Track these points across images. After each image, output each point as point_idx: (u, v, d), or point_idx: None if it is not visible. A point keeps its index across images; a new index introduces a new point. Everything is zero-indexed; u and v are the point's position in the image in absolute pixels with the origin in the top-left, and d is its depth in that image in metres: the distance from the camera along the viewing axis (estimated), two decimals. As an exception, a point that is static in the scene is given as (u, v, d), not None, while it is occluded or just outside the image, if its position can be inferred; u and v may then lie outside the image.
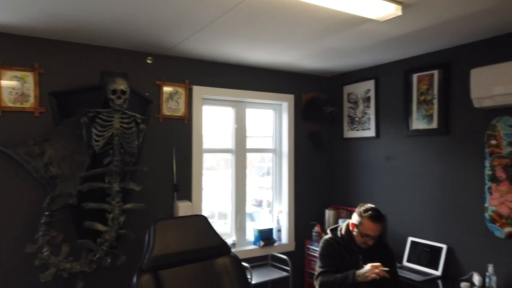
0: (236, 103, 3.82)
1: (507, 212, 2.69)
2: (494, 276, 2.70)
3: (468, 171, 2.97)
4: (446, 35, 2.79)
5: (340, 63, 3.67)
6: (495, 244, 2.78)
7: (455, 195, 3.06)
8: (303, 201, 4.08)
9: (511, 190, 2.67)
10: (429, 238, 3.23)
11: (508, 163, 2.69)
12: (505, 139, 2.71)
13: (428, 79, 3.26)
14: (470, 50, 2.96)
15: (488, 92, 2.66)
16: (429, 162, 3.26)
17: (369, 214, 2.54)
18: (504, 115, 2.73)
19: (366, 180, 3.84)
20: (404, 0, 2.17)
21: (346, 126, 4.08)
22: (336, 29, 2.67)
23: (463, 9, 2.30)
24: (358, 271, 2.39)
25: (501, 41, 2.76)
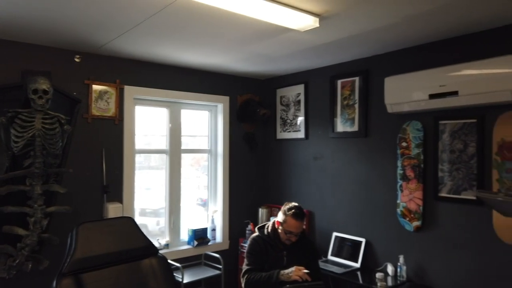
0: (170, 103, 3.83)
1: (415, 208, 2.98)
2: (404, 266, 2.99)
3: (384, 170, 3.24)
4: (364, 45, 3.02)
5: (272, 67, 3.82)
6: (406, 237, 3.07)
7: (373, 193, 3.32)
8: (237, 200, 4.19)
9: (419, 188, 2.96)
10: (351, 233, 3.47)
11: (416, 163, 2.98)
12: (413, 141, 3.00)
13: (350, 85, 3.50)
14: (386, 60, 3.23)
15: (398, 98, 2.93)
16: (351, 162, 3.51)
17: (292, 212, 2.69)
18: (413, 120, 3.01)
19: (297, 179, 4.03)
20: (321, 13, 2.34)
21: (279, 127, 4.25)
22: (261, 37, 2.79)
23: (374, 23, 2.52)
24: (283, 271, 2.53)
25: (411, 52, 3.05)
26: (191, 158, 4.16)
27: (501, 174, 2.51)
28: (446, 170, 2.83)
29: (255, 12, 2.25)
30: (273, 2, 2.16)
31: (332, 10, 2.29)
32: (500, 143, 2.52)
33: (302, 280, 2.46)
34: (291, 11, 2.25)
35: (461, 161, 2.74)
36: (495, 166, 2.54)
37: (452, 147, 2.80)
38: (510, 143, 2.47)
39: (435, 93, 2.69)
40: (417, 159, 2.97)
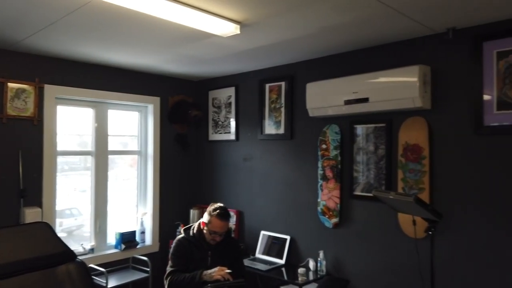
0: (97, 104, 3.72)
1: (333, 206, 3.18)
2: (324, 260, 3.18)
3: (307, 171, 3.42)
4: (288, 51, 3.17)
5: (204, 69, 3.86)
6: (325, 233, 3.27)
7: (297, 192, 3.49)
8: (168, 202, 4.17)
9: (337, 187, 3.17)
10: (277, 231, 3.62)
11: (334, 164, 3.18)
12: (332, 144, 3.20)
13: (277, 89, 3.64)
14: (309, 66, 3.41)
15: (318, 103, 3.12)
16: (278, 163, 3.66)
17: (217, 213, 2.75)
18: (332, 124, 3.22)
19: (227, 180, 4.11)
20: (241, 21, 2.42)
21: (211, 129, 4.29)
22: (185, 40, 2.83)
23: (293, 33, 2.66)
24: (206, 271, 2.58)
25: (330, 60, 3.25)
26: (130, 158, 4.09)
27: (405, 174, 2.77)
28: (360, 170, 3.06)
29: (176, 18, 2.28)
30: (193, 9, 2.20)
31: (252, 19, 2.39)
32: (405, 146, 2.78)
33: (224, 280, 2.53)
34: (212, 18, 2.31)
35: (372, 162, 2.98)
36: (400, 167, 2.80)
37: (365, 149, 3.03)
38: (412, 145, 2.74)
39: (349, 99, 2.90)
40: (335, 160, 3.18)
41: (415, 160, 2.71)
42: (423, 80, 2.59)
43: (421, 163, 2.68)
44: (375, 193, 2.08)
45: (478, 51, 2.47)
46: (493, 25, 2.42)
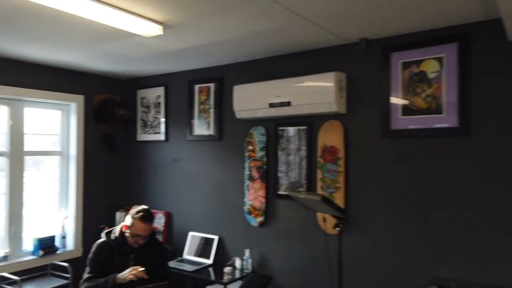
0: (11, 101, 3.47)
1: (259, 205, 3.28)
2: (250, 258, 3.27)
3: (235, 172, 3.48)
4: (216, 53, 3.21)
5: (131, 68, 3.76)
6: (252, 232, 3.36)
7: (226, 192, 3.55)
8: (93, 205, 4.01)
9: (262, 187, 3.27)
10: (206, 231, 3.64)
11: (260, 165, 3.28)
12: (258, 145, 3.30)
13: (206, 91, 3.67)
14: (237, 69, 3.48)
15: (245, 106, 3.19)
16: (207, 164, 3.68)
17: (140, 215, 2.71)
18: (258, 126, 3.32)
19: (156, 181, 4.05)
20: (164, 22, 2.41)
21: (139, 129, 4.20)
22: (107, 38, 2.75)
23: (216, 36, 2.70)
24: (119, 274, 2.54)
25: (257, 64, 3.35)
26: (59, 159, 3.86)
27: (323, 173, 2.94)
28: (284, 171, 3.19)
29: (95, 16, 2.22)
30: (113, 8, 2.15)
31: (174, 20, 2.39)
32: (323, 148, 2.95)
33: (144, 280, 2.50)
34: (133, 18, 2.28)
35: (295, 163, 3.13)
36: (319, 167, 2.97)
37: (288, 151, 3.16)
38: (330, 147, 2.91)
39: (274, 103, 3.01)
40: (261, 161, 3.28)
41: (332, 161, 2.89)
42: (339, 86, 2.77)
43: (337, 163, 2.87)
44: (289, 193, 2.19)
45: (386, 60, 2.70)
46: (399, 37, 2.66)
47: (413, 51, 2.60)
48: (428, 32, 2.54)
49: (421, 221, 2.56)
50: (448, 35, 2.46)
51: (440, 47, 2.49)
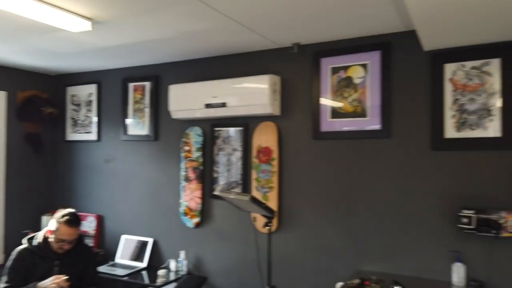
0: None
1: (195, 206, 3.26)
2: (185, 260, 3.24)
3: (171, 172, 3.43)
4: (152, 52, 3.14)
5: (60, 63, 3.56)
6: (187, 233, 3.34)
7: (161, 194, 3.48)
8: (17, 209, 3.74)
9: (198, 188, 3.26)
10: (140, 234, 3.55)
11: (197, 166, 3.27)
12: (194, 145, 3.29)
13: (141, 89, 3.58)
14: (174, 68, 3.43)
15: (180, 106, 3.16)
16: (142, 165, 3.59)
17: (66, 219, 2.57)
18: (194, 126, 3.30)
19: (88, 183, 3.87)
20: (93, 17, 2.32)
21: (69, 128, 3.99)
22: (32, 32, 2.59)
23: (148, 34, 2.65)
24: (40, 283, 2.39)
25: (194, 64, 3.33)
26: None
27: (258, 174, 3.00)
28: (220, 171, 3.20)
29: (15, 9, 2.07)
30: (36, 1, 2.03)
31: (104, 16, 2.31)
32: (258, 148, 3.01)
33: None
34: (59, 12, 2.16)
35: (231, 163, 3.15)
36: (254, 167, 3.02)
37: (225, 151, 3.19)
38: (264, 148, 2.98)
39: (210, 103, 3.01)
40: (197, 161, 3.27)
41: (266, 162, 2.96)
42: (273, 88, 2.85)
43: (271, 164, 2.94)
44: (220, 194, 2.21)
45: (317, 65, 2.82)
46: (329, 44, 2.79)
47: (341, 57, 2.74)
48: (355, 39, 2.70)
49: (348, 218, 2.71)
50: (372, 44, 2.63)
51: (365, 54, 2.66)
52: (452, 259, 2.36)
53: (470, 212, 2.28)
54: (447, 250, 2.40)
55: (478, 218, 2.26)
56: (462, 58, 2.38)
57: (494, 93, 2.30)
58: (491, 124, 2.31)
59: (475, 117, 2.35)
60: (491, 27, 2.04)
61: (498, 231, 2.21)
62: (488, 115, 2.32)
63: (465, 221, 2.28)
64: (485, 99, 2.33)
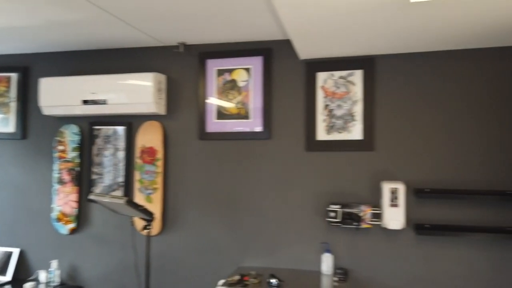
0: None
1: (70, 211, 3.00)
2: (58, 270, 2.95)
3: (41, 174, 3.10)
4: (19, 39, 2.79)
5: None
6: (60, 240, 3.05)
7: (29, 199, 3.12)
8: None
9: (74, 191, 3.00)
10: (3, 244, 3.13)
11: (72, 167, 3.01)
12: (70, 145, 3.02)
13: (6, 81, 3.16)
14: (47, 59, 3.11)
15: (54, 101, 2.88)
16: (6, 166, 3.17)
17: None
18: (70, 124, 3.04)
19: None
20: None
21: None
22: None
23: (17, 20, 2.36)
24: None
25: (70, 56, 3.06)
26: None
27: (141, 175, 2.90)
28: (99, 173, 3.00)
29: None
30: None
31: (-49, -7, 1.98)
32: (142, 148, 2.90)
33: None
34: None
35: (112, 164, 2.98)
36: (137, 168, 2.91)
37: (105, 151, 3.00)
38: (148, 148, 2.89)
39: (88, 100, 2.80)
40: (73, 162, 3.01)
41: (151, 162, 2.87)
42: (157, 87, 2.77)
43: (155, 164, 2.87)
44: (92, 197, 2.08)
45: (203, 66, 2.84)
46: (215, 46, 2.83)
47: (226, 60, 2.80)
48: (239, 44, 2.79)
49: (232, 217, 2.79)
50: (254, 49, 2.75)
51: (248, 58, 2.76)
52: (322, 250, 2.60)
53: (336, 207, 2.54)
54: (318, 242, 2.63)
55: (343, 212, 2.52)
56: (331, 68, 2.64)
57: (357, 101, 2.61)
58: (354, 128, 2.61)
59: (342, 122, 2.63)
60: (354, 42, 2.31)
61: (359, 223, 2.50)
62: (352, 120, 2.61)
63: (332, 215, 2.54)
64: (350, 106, 2.62)
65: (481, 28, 2.04)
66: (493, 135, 2.40)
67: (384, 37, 2.21)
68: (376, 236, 2.55)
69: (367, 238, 2.57)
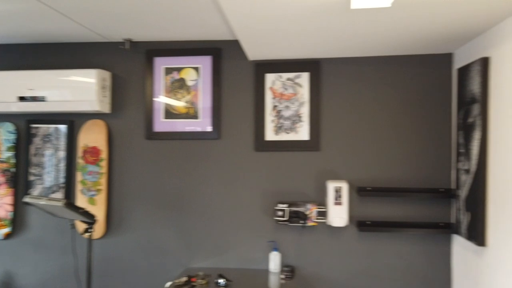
0: None
1: (4, 215, 2.81)
2: (-9, 278, 2.75)
3: (-28, 176, 2.87)
4: None
5: None
6: (-6, 247, 2.85)
7: (-42, 202, 2.88)
8: None
9: (9, 193, 2.81)
10: None
11: (7, 168, 2.82)
12: (5, 144, 2.82)
13: None
14: (-22, 52, 2.88)
15: (-15, 97, 2.68)
16: None
17: None
18: (5, 122, 2.84)
19: None
20: None
21: None
22: None
23: None
24: None
25: (7, 49, 2.86)
26: None
27: (84, 175, 2.77)
28: (38, 174, 2.83)
29: None
30: None
31: None
32: (84, 148, 2.78)
33: None
34: None
35: (52, 165, 2.83)
36: (79, 169, 2.78)
37: (44, 151, 2.83)
38: (91, 148, 2.77)
39: (24, 96, 2.64)
40: (8, 163, 2.82)
41: (94, 163, 2.76)
42: (101, 84, 2.67)
43: (99, 165, 2.76)
44: (27, 200, 1.96)
45: (150, 64, 2.77)
46: (163, 43, 2.77)
47: (174, 58, 2.76)
48: (189, 42, 2.75)
49: (180, 217, 2.75)
50: (204, 48, 2.73)
51: (197, 57, 2.74)
52: (270, 249, 2.64)
53: (284, 206, 2.59)
54: (266, 241, 2.66)
55: (290, 210, 2.58)
56: (279, 69, 2.68)
57: (304, 102, 2.67)
58: (301, 129, 2.67)
59: (289, 122, 2.68)
60: (301, 46, 2.37)
61: (305, 221, 2.57)
62: (299, 121, 2.68)
63: (280, 214, 2.58)
64: (297, 107, 2.68)
65: (415, 36, 2.17)
66: (426, 136, 2.57)
67: (329, 42, 2.28)
68: (321, 233, 2.64)
69: (313, 236, 2.65)
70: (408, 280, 2.56)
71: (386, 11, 1.77)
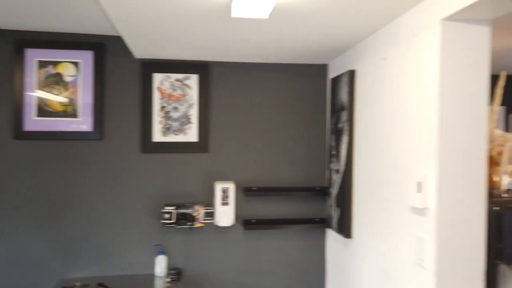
0: None
1: None
2: None
3: None
4: None
5: None
6: None
7: None
8: None
9: None
10: None
11: None
12: None
13: None
14: None
15: None
16: None
17: None
18: None
19: None
20: None
21: None
22: None
23: None
24: None
25: None
26: None
27: None
28: None
29: None
30: None
31: None
32: None
33: None
34: None
35: None
36: None
37: None
38: None
39: None
40: None
41: None
42: (-44, 75, 2.30)
43: (-48, 168, 2.37)
44: None
45: (20, 56, 2.48)
46: (36, 34, 2.51)
47: (50, 51, 2.52)
48: (68, 35, 2.54)
49: (57, 225, 2.52)
50: (85, 42, 2.55)
51: (77, 52, 2.54)
52: (156, 252, 2.58)
53: (171, 208, 2.55)
54: (152, 245, 2.60)
55: (178, 213, 2.56)
56: (168, 70, 2.64)
57: (193, 104, 2.68)
58: (190, 131, 2.67)
59: (178, 124, 2.66)
60: (189, 48, 2.36)
61: (193, 222, 2.57)
62: (188, 123, 2.67)
63: (167, 217, 2.54)
64: (186, 109, 2.67)
65: (294, 47, 2.35)
66: (305, 140, 2.79)
67: (215, 46, 2.33)
68: (208, 234, 2.67)
69: (200, 237, 2.66)
70: (288, 273, 2.74)
71: (265, 22, 1.87)
